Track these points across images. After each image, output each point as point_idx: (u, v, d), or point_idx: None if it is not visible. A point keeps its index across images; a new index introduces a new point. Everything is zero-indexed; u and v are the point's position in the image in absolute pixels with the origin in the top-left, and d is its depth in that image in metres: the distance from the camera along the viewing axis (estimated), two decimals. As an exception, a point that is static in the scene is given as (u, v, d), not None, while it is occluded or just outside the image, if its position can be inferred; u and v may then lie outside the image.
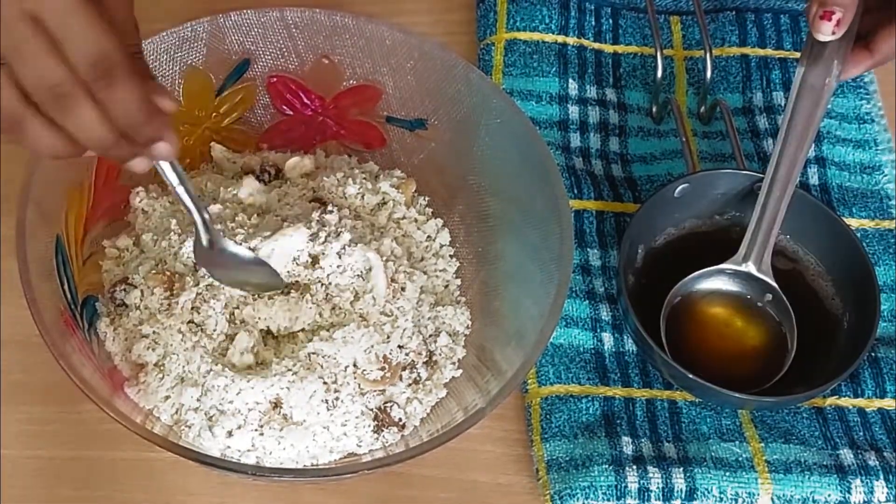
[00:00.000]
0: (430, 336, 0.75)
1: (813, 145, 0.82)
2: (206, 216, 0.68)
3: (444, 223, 0.81)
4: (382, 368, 0.71)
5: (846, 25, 0.73)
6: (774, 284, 0.78)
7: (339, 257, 0.73)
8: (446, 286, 0.79)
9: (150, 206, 0.78)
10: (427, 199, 0.82)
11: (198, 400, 0.69)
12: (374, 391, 0.71)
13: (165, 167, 0.64)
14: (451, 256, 0.80)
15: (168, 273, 0.73)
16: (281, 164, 0.81)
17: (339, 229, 0.74)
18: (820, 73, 0.77)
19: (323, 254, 0.73)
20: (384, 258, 0.74)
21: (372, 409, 0.71)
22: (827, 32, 0.73)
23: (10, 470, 0.73)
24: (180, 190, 0.65)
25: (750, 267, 0.79)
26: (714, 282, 0.79)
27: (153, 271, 0.73)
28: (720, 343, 0.79)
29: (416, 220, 0.81)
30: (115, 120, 0.55)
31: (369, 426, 0.71)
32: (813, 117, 0.77)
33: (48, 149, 0.56)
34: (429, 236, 0.81)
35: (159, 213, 0.78)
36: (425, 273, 0.78)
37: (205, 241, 0.69)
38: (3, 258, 0.78)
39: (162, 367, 0.71)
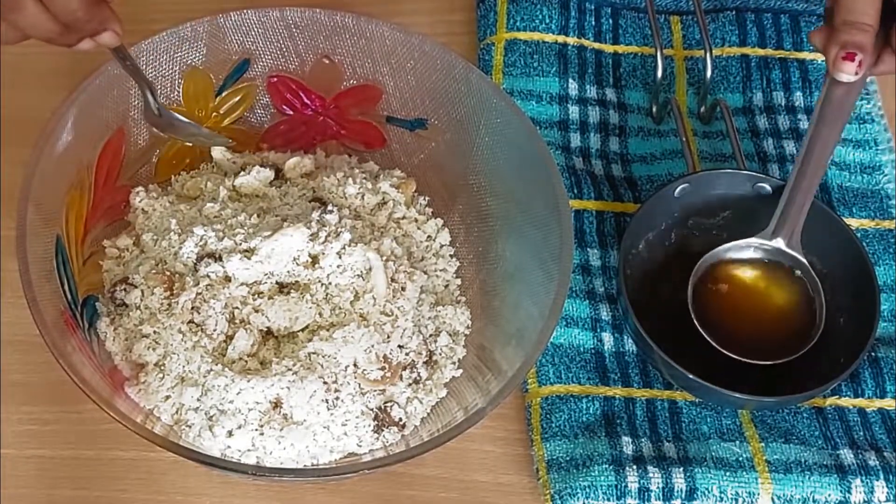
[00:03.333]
0: (431, 336, 0.75)
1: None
2: (152, 90, 0.73)
3: (444, 223, 0.81)
4: (382, 368, 0.71)
5: (867, 67, 0.72)
6: (804, 260, 0.78)
7: (339, 257, 0.73)
8: (446, 286, 0.79)
9: (150, 206, 0.78)
10: (427, 198, 0.82)
11: (198, 400, 0.69)
12: (375, 391, 0.71)
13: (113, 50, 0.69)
14: (451, 256, 0.80)
15: (168, 273, 0.73)
16: (281, 164, 0.81)
17: (339, 229, 0.74)
18: None
19: (323, 254, 0.73)
20: (384, 258, 0.74)
21: (372, 409, 0.71)
22: (850, 72, 0.72)
23: (10, 470, 0.73)
24: (129, 68, 0.71)
25: (780, 242, 0.78)
26: (742, 253, 0.79)
27: (153, 271, 0.73)
28: (750, 309, 0.79)
29: (416, 220, 0.81)
30: (57, 15, 0.60)
31: (369, 426, 0.71)
32: (849, 96, 0.76)
33: (3, 39, 0.62)
34: (429, 236, 0.81)
35: (159, 213, 0.78)
36: (425, 273, 0.78)
37: (154, 110, 0.74)
38: (3, 258, 0.78)
39: (162, 367, 0.71)
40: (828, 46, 0.73)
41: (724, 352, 0.75)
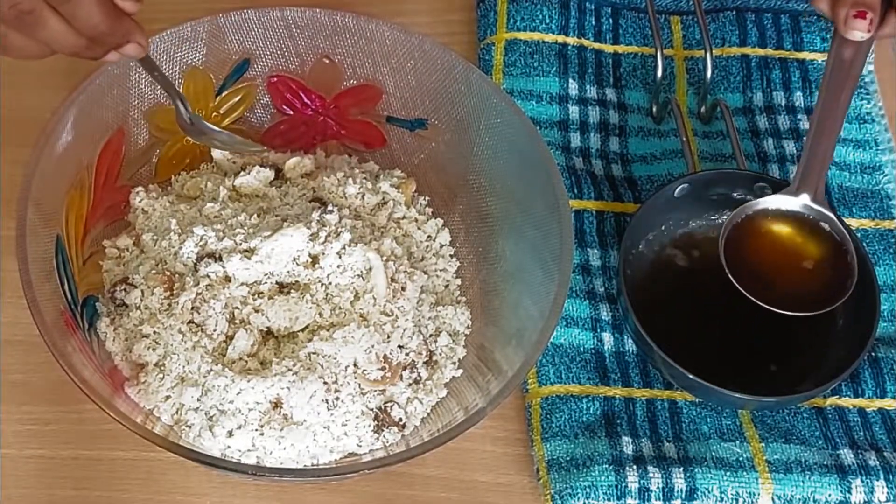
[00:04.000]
0: (431, 336, 0.75)
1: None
2: (182, 99, 0.73)
3: (444, 223, 0.81)
4: (383, 368, 0.71)
5: (876, 25, 0.73)
6: (832, 215, 0.78)
7: (339, 257, 0.73)
8: (446, 286, 0.79)
9: (150, 206, 0.78)
10: (427, 198, 0.82)
11: (198, 400, 0.69)
12: (375, 391, 0.71)
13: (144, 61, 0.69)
14: (451, 256, 0.80)
15: (168, 273, 0.73)
16: (281, 164, 0.81)
17: (339, 229, 0.74)
18: None
19: (323, 254, 0.73)
20: (384, 258, 0.74)
21: (372, 409, 0.71)
22: (863, 29, 0.73)
23: (10, 470, 0.73)
24: (158, 79, 0.71)
25: (805, 198, 0.78)
26: (769, 209, 0.78)
27: (153, 271, 0.73)
28: (783, 261, 0.78)
29: (416, 220, 0.81)
30: (80, 30, 0.60)
31: (370, 426, 0.71)
32: (857, 57, 0.76)
33: (29, 54, 0.61)
34: (429, 236, 0.81)
35: (159, 213, 0.78)
36: (425, 273, 0.78)
37: (186, 118, 0.74)
38: (3, 258, 0.78)
39: (162, 367, 0.70)
40: (836, 8, 0.73)
41: (762, 304, 0.74)
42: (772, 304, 0.74)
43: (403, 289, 0.74)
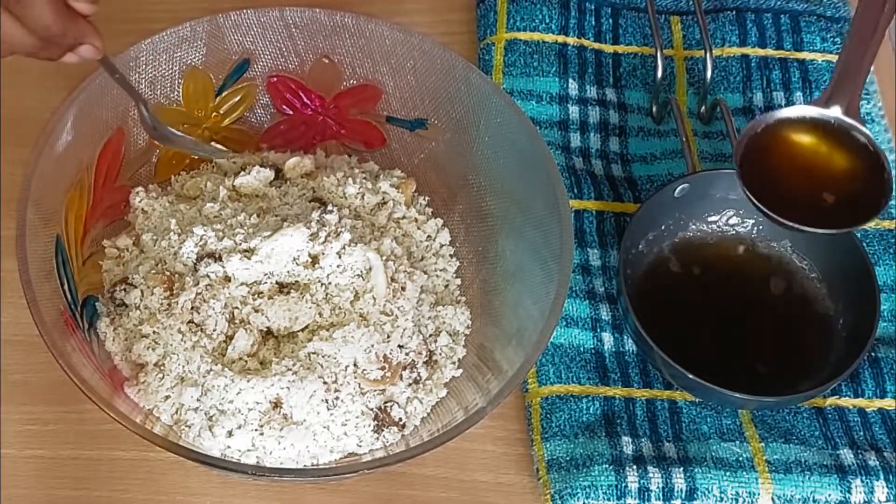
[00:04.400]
0: (431, 336, 0.75)
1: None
2: (144, 104, 0.73)
3: (444, 223, 0.81)
4: (382, 368, 0.71)
5: None
6: (866, 130, 0.73)
7: (339, 257, 0.73)
8: (446, 286, 0.79)
9: (150, 206, 0.78)
10: (427, 198, 0.82)
11: (198, 400, 0.69)
12: (375, 391, 0.71)
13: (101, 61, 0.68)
14: (451, 256, 0.80)
15: (168, 273, 0.73)
16: (281, 164, 0.81)
17: (339, 229, 0.74)
18: None
19: (323, 253, 0.73)
20: (384, 258, 0.74)
21: (372, 409, 0.71)
22: None
23: (10, 470, 0.73)
24: (119, 81, 0.71)
25: (836, 111, 0.73)
26: (795, 121, 0.73)
27: (153, 271, 0.73)
28: (808, 173, 0.72)
29: (416, 220, 0.81)
30: (32, 31, 0.60)
31: (369, 426, 0.71)
32: None
33: None
34: (429, 236, 0.81)
35: (159, 213, 0.78)
36: (425, 273, 0.78)
37: (150, 123, 0.74)
38: (3, 258, 0.78)
39: (162, 367, 0.70)
40: None
41: (782, 219, 0.69)
42: (795, 220, 0.69)
43: (403, 289, 0.74)
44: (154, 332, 0.71)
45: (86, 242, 0.74)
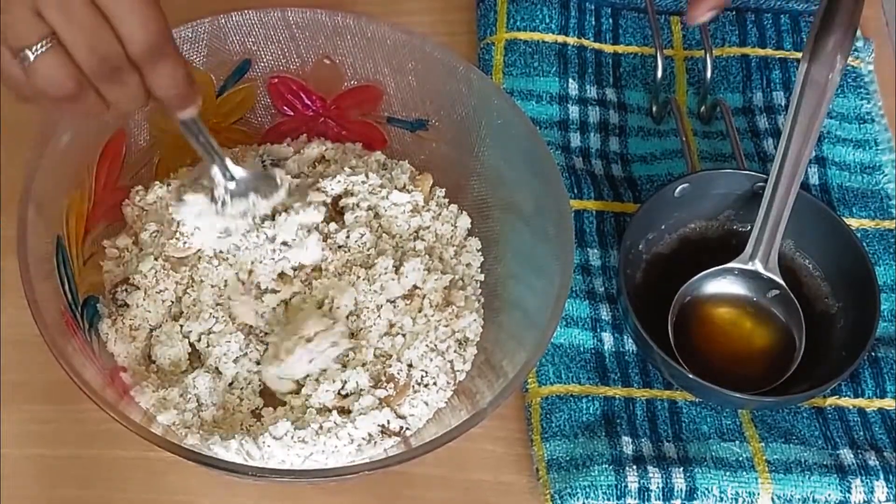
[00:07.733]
0: (445, 348, 0.74)
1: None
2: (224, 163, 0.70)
3: (461, 210, 0.80)
4: (392, 384, 0.71)
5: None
6: (781, 282, 0.79)
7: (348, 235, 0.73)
8: (466, 298, 0.77)
9: (150, 205, 0.78)
10: (444, 190, 0.81)
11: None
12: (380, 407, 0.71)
13: (191, 122, 0.66)
14: (477, 251, 0.79)
15: (173, 261, 0.73)
16: (281, 157, 0.81)
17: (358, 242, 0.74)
18: (822, 69, 0.77)
19: (336, 243, 0.73)
20: (403, 266, 0.74)
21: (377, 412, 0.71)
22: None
23: (10, 470, 0.73)
24: (203, 141, 0.68)
25: (757, 265, 0.79)
26: (721, 282, 0.80)
27: (159, 265, 0.73)
28: (729, 344, 0.80)
29: (439, 217, 0.79)
30: (159, 90, 0.59)
31: (375, 434, 0.71)
32: (817, 114, 0.77)
33: (90, 114, 0.60)
34: (453, 226, 0.80)
35: (157, 209, 0.77)
36: (445, 274, 0.77)
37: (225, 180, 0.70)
38: (3, 258, 0.78)
39: (162, 367, 0.70)
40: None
41: (700, 381, 0.74)
42: (723, 384, 0.74)
43: (421, 306, 0.74)
44: (156, 332, 0.71)
45: (87, 243, 0.74)
